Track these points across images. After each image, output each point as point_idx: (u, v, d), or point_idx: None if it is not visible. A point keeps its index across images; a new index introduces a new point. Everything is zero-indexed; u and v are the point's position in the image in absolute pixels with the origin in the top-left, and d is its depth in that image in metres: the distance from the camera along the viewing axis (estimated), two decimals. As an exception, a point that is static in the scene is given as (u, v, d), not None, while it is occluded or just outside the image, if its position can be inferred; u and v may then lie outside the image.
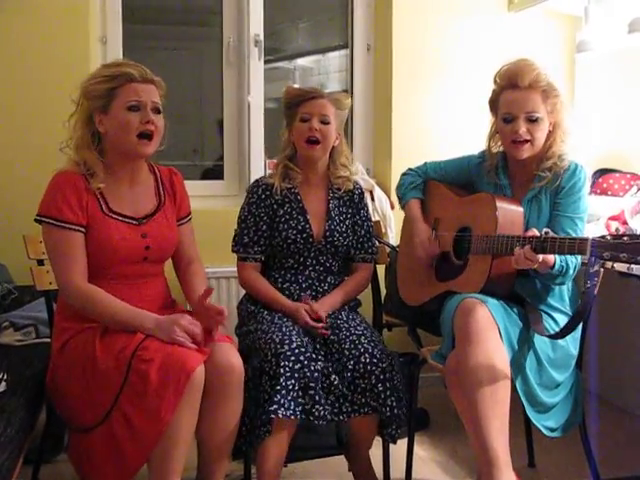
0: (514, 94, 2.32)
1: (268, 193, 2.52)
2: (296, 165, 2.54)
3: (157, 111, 2.18)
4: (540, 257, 2.11)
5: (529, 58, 2.35)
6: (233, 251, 2.55)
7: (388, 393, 2.23)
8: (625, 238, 1.92)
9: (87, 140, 2.17)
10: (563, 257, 2.19)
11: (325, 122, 2.46)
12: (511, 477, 2.10)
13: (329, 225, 2.52)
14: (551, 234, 2.10)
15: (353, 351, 2.27)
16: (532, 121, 2.30)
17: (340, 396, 2.24)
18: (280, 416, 2.14)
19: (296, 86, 2.58)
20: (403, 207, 2.68)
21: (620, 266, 2.22)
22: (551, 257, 2.15)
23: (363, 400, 2.23)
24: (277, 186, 2.50)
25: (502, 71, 2.36)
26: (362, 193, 2.65)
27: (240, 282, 2.58)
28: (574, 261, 2.23)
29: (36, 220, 2.15)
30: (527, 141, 2.31)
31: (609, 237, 1.96)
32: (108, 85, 2.13)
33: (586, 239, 1.99)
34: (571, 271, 2.24)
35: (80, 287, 2.10)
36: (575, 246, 2.02)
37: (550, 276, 2.23)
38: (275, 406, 2.14)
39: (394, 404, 2.24)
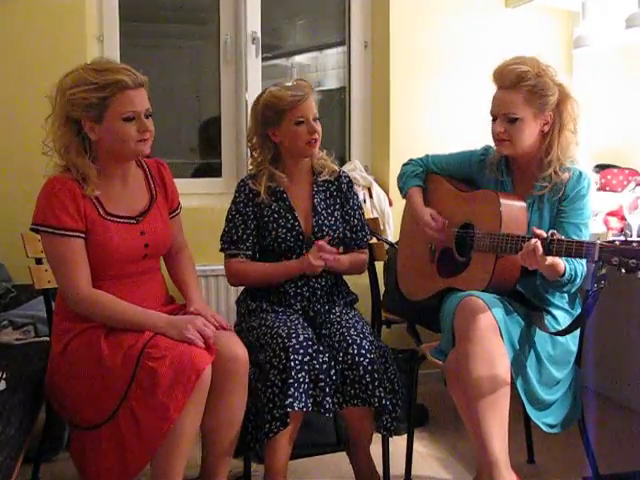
0: (497, 93, 2.34)
1: (255, 192, 2.52)
2: (280, 166, 2.53)
3: (149, 116, 2.15)
4: (548, 259, 2.09)
5: (523, 56, 2.33)
6: (222, 249, 2.53)
7: (376, 384, 2.23)
8: (634, 244, 1.91)
9: (76, 146, 2.11)
10: (572, 266, 2.19)
11: (317, 119, 2.48)
12: (511, 477, 2.11)
13: (316, 221, 2.52)
14: (557, 236, 2.07)
15: (342, 343, 2.28)
16: (510, 121, 2.29)
17: (333, 389, 2.24)
18: (296, 409, 2.15)
19: (279, 88, 2.47)
20: (404, 196, 2.66)
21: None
22: (561, 265, 2.14)
23: (352, 392, 2.24)
24: (263, 196, 2.49)
25: (493, 70, 2.35)
26: (350, 181, 2.65)
27: (230, 277, 2.55)
28: (581, 269, 2.22)
29: (32, 229, 2.11)
30: (507, 139, 2.31)
31: (617, 242, 1.94)
32: (99, 94, 2.05)
33: (594, 243, 1.97)
34: (578, 279, 2.23)
35: (86, 294, 2.08)
36: (582, 250, 2.00)
37: (558, 284, 2.22)
38: (290, 399, 2.15)
39: (382, 395, 2.24)
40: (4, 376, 2.04)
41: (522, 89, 2.26)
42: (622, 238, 1.97)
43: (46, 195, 2.10)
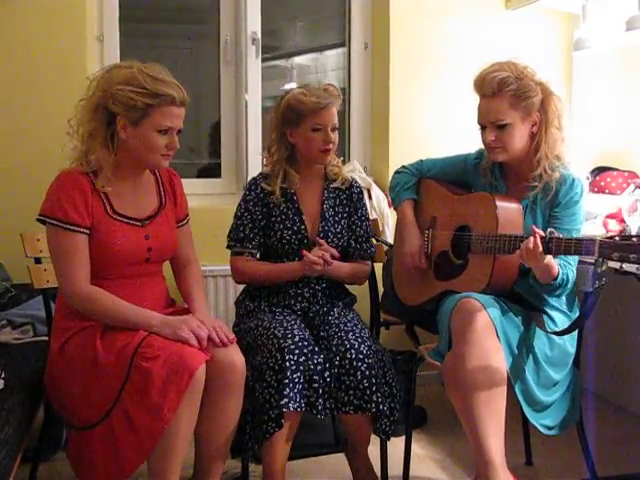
0: (482, 102, 2.35)
1: (267, 191, 2.52)
2: (294, 166, 2.54)
3: (179, 132, 2.18)
4: (546, 258, 2.09)
5: (500, 61, 2.33)
6: (228, 246, 2.55)
7: (374, 389, 2.23)
8: (634, 239, 1.91)
9: (103, 136, 2.12)
10: (565, 271, 2.20)
11: (336, 128, 2.48)
12: (507, 477, 2.10)
13: (323, 226, 2.52)
14: (556, 234, 2.09)
15: (340, 347, 2.28)
16: (500, 128, 2.30)
17: (327, 392, 2.25)
18: (291, 409, 2.15)
19: (304, 91, 2.47)
20: (396, 209, 2.67)
21: (626, 266, 2.19)
22: (555, 268, 2.15)
23: (346, 398, 2.24)
24: (277, 194, 2.50)
25: (474, 79, 2.36)
26: (361, 192, 2.65)
27: (236, 274, 2.54)
28: (572, 275, 2.24)
29: (39, 220, 2.12)
30: (499, 147, 2.32)
31: (617, 238, 1.95)
32: (146, 100, 2.07)
33: (593, 240, 1.98)
34: (569, 284, 2.24)
35: (83, 290, 2.09)
36: (581, 247, 2.01)
37: (551, 287, 2.23)
38: (285, 399, 2.15)
39: (380, 400, 2.24)
40: (2, 375, 2.04)
41: (505, 95, 2.27)
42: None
43: (56, 188, 2.11)
